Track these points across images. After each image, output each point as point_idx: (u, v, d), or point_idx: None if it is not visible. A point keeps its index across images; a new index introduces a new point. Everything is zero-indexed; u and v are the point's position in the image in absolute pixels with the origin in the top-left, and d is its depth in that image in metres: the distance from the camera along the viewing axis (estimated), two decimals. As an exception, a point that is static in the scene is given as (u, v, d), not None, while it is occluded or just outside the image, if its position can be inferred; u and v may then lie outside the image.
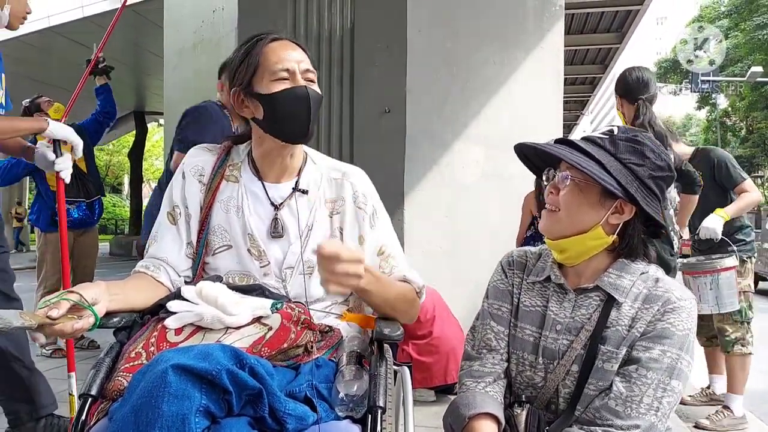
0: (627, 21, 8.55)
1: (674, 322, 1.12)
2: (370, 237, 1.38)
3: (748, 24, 23.38)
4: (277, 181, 1.40)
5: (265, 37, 1.35)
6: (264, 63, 1.32)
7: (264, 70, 1.32)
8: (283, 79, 1.31)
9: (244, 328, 1.13)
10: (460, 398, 1.22)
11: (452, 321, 3.32)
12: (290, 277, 1.34)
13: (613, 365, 1.13)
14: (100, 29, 8.71)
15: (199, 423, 0.92)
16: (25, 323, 1.00)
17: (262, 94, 1.31)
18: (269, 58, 1.32)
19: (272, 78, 1.31)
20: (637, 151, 1.17)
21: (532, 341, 1.23)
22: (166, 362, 0.92)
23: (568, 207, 1.19)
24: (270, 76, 1.31)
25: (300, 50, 1.36)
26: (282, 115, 1.31)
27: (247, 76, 1.33)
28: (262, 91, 1.31)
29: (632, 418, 1.08)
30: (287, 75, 1.31)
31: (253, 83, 1.33)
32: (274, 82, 1.31)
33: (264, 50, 1.33)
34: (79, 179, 4.03)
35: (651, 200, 1.17)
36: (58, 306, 1.06)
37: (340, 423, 1.09)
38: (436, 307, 3.26)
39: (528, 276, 1.29)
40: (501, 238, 3.37)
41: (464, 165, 3.94)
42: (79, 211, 4.12)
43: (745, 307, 3.05)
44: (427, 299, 3.22)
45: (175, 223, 1.38)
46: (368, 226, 1.39)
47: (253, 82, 1.33)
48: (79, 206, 4.12)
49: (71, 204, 4.03)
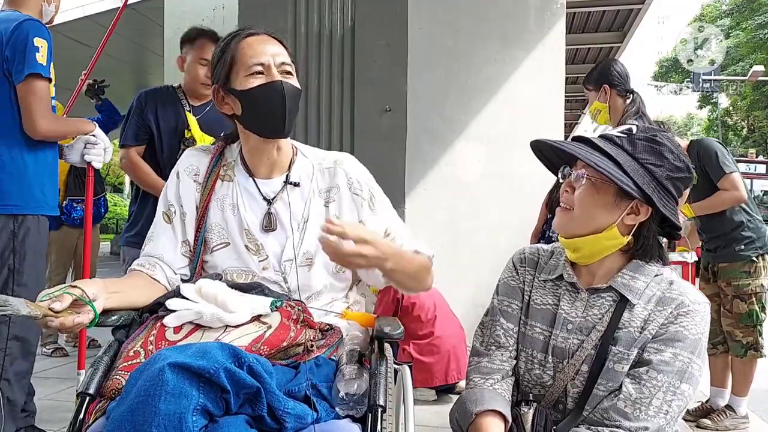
0: (628, 20, 8.53)
1: (687, 325, 1.11)
2: (372, 222, 1.37)
3: (750, 23, 23.36)
4: (268, 176, 1.39)
5: (240, 33, 1.35)
6: (240, 59, 1.31)
7: (240, 66, 1.31)
8: (258, 73, 1.30)
9: (243, 327, 1.12)
10: (467, 394, 1.21)
11: (453, 321, 3.31)
12: (290, 269, 1.33)
13: (624, 366, 1.12)
14: (100, 28, 8.69)
15: (197, 422, 0.91)
16: (32, 312, 1.01)
17: (238, 90, 1.31)
18: (245, 53, 1.31)
19: (247, 73, 1.30)
20: (656, 151, 1.15)
21: (542, 339, 1.22)
22: (164, 360, 0.92)
23: (583, 206, 1.17)
24: (245, 71, 1.30)
25: (277, 43, 1.35)
26: (258, 110, 1.31)
27: (224, 73, 1.33)
28: (238, 87, 1.31)
29: (641, 420, 1.07)
30: (262, 69, 1.30)
31: (231, 79, 1.32)
32: (248, 77, 1.30)
33: (239, 45, 1.32)
34: (82, 177, 4.07)
35: (668, 202, 1.15)
36: (61, 299, 1.05)
37: (340, 422, 1.08)
38: (437, 307, 3.25)
39: (540, 274, 1.28)
40: (502, 237, 3.37)
41: (465, 163, 3.94)
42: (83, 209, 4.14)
43: (757, 310, 2.89)
44: (427, 299, 3.21)
45: (170, 222, 1.38)
46: (368, 211, 1.38)
47: (230, 78, 1.32)
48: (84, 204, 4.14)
49: (76, 202, 4.07)
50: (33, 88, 2.15)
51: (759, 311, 2.91)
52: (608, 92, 2.62)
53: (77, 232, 4.17)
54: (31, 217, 2.22)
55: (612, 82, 2.61)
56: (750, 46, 23.40)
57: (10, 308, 0.99)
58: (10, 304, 0.99)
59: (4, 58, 2.14)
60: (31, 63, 2.14)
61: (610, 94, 2.62)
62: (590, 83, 2.71)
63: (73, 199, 4.07)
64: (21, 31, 2.13)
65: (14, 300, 1.00)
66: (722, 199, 2.87)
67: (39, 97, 2.16)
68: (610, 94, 2.62)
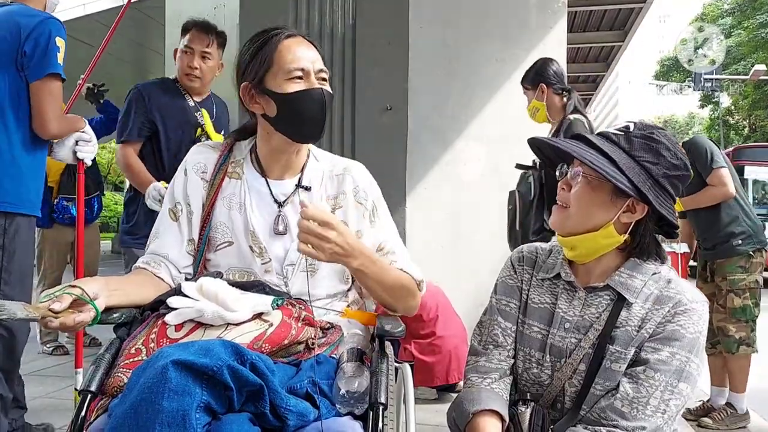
0: (630, 19, 8.54)
1: (685, 324, 1.11)
2: (369, 234, 1.38)
3: (751, 22, 23.33)
4: (281, 177, 1.39)
5: (279, 33, 1.34)
6: (278, 60, 1.30)
7: (278, 68, 1.30)
8: (298, 78, 1.30)
9: (244, 325, 1.12)
10: (464, 394, 1.21)
11: (455, 321, 3.31)
12: (292, 274, 1.33)
13: (621, 366, 1.12)
14: (101, 26, 8.69)
15: (200, 419, 0.91)
16: (29, 315, 1.01)
17: (276, 93, 1.30)
18: (284, 55, 1.31)
19: (287, 77, 1.30)
20: (652, 149, 1.14)
21: (540, 338, 1.22)
22: (167, 358, 0.92)
23: (579, 204, 1.17)
24: (284, 75, 1.30)
25: (314, 49, 1.36)
26: (297, 116, 1.31)
27: (260, 72, 1.31)
28: (276, 89, 1.30)
29: (638, 419, 1.07)
30: (302, 74, 1.30)
31: (266, 80, 1.31)
32: (288, 81, 1.30)
33: (278, 47, 1.31)
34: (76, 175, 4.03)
35: (664, 200, 1.15)
36: (61, 300, 1.06)
37: (341, 419, 1.08)
38: (439, 307, 3.25)
39: (537, 272, 1.27)
40: (503, 236, 3.36)
41: (466, 162, 3.93)
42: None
43: (750, 306, 2.90)
44: (430, 299, 3.21)
45: (176, 219, 1.38)
46: (368, 223, 1.39)
47: (266, 78, 1.31)
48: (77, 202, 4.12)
49: (69, 201, 4.04)
50: (50, 88, 2.15)
51: (753, 307, 2.92)
52: (545, 91, 2.71)
53: (70, 231, 4.12)
54: (23, 217, 2.21)
55: (548, 81, 2.71)
56: (751, 45, 23.36)
57: (7, 312, 0.99)
58: (7, 308, 0.99)
59: (22, 52, 2.11)
60: (53, 62, 2.13)
61: (547, 93, 2.71)
62: (527, 83, 2.80)
63: (65, 197, 4.04)
64: (44, 29, 2.12)
65: (10, 304, 1.01)
66: (710, 195, 2.91)
67: (54, 97, 2.17)
68: (546, 93, 2.71)
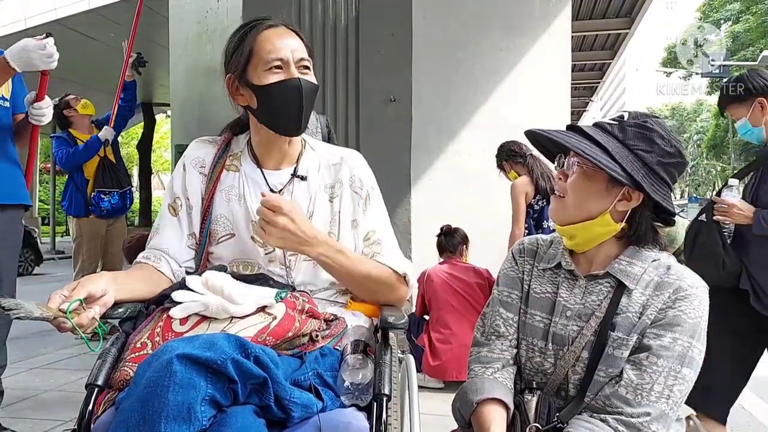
0: (636, 5, 8.45)
1: (685, 309, 1.11)
2: (362, 222, 1.38)
3: (760, 7, 23.05)
4: (277, 168, 1.40)
5: (259, 24, 1.33)
6: (258, 51, 1.30)
7: (258, 60, 1.30)
8: (277, 68, 1.29)
9: (248, 318, 1.13)
10: (468, 384, 1.22)
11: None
12: (295, 264, 1.34)
13: (624, 352, 1.13)
14: (106, 21, 8.71)
15: (205, 412, 0.92)
16: (44, 314, 1.03)
17: (255, 85, 1.30)
18: (263, 46, 1.30)
19: (265, 68, 1.29)
20: (646, 137, 1.15)
21: (542, 327, 1.23)
22: (172, 352, 0.93)
23: (575, 193, 1.18)
24: (263, 66, 1.29)
25: (296, 37, 1.34)
26: (275, 108, 1.31)
27: (241, 64, 1.31)
28: (255, 81, 1.30)
29: (642, 405, 1.07)
30: (281, 64, 1.29)
31: (247, 72, 1.31)
32: (266, 72, 1.29)
33: (258, 38, 1.31)
34: (110, 170, 4.21)
35: (659, 187, 1.15)
36: (69, 299, 1.06)
37: (345, 410, 1.09)
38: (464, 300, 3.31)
39: (539, 263, 1.28)
40: (508, 226, 3.36)
41: (471, 153, 3.93)
42: (112, 201, 4.22)
43: None
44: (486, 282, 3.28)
45: (176, 214, 1.38)
46: (361, 211, 1.39)
47: (247, 70, 1.31)
48: (112, 196, 4.22)
49: (105, 194, 4.17)
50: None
51: None
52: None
53: (105, 223, 4.26)
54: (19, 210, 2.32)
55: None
56: (760, 31, 23.10)
57: (24, 311, 1.01)
58: (23, 307, 1.01)
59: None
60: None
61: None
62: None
63: (101, 190, 4.16)
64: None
65: (26, 303, 1.02)
66: None
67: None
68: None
